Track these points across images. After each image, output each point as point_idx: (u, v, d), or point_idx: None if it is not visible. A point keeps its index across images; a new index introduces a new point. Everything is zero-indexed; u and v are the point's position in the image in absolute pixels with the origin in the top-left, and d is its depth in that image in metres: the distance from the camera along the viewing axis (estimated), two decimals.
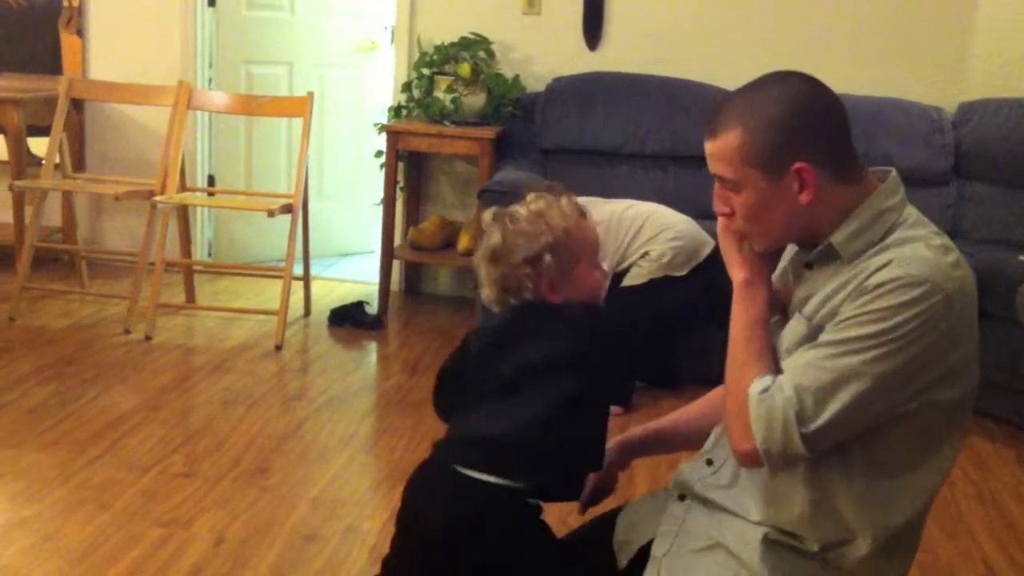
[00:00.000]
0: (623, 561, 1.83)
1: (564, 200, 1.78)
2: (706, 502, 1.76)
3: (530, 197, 1.80)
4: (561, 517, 2.12)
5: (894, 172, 1.66)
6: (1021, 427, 3.49)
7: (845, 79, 4.39)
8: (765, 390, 1.56)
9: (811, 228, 1.63)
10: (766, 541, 1.66)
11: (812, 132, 1.58)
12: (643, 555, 1.80)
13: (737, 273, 1.67)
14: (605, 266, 1.78)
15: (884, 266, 1.54)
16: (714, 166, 1.62)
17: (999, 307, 3.53)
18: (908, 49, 4.45)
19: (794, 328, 1.65)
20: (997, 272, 3.61)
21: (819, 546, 1.64)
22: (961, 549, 2.76)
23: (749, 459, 1.60)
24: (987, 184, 4.32)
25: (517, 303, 1.77)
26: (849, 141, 1.63)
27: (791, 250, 1.79)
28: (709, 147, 1.63)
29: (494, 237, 1.77)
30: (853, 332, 1.53)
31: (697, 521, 1.76)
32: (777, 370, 1.60)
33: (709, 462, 1.79)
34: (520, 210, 1.77)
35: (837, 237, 1.61)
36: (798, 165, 1.56)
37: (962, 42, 4.48)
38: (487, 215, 1.82)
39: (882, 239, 1.60)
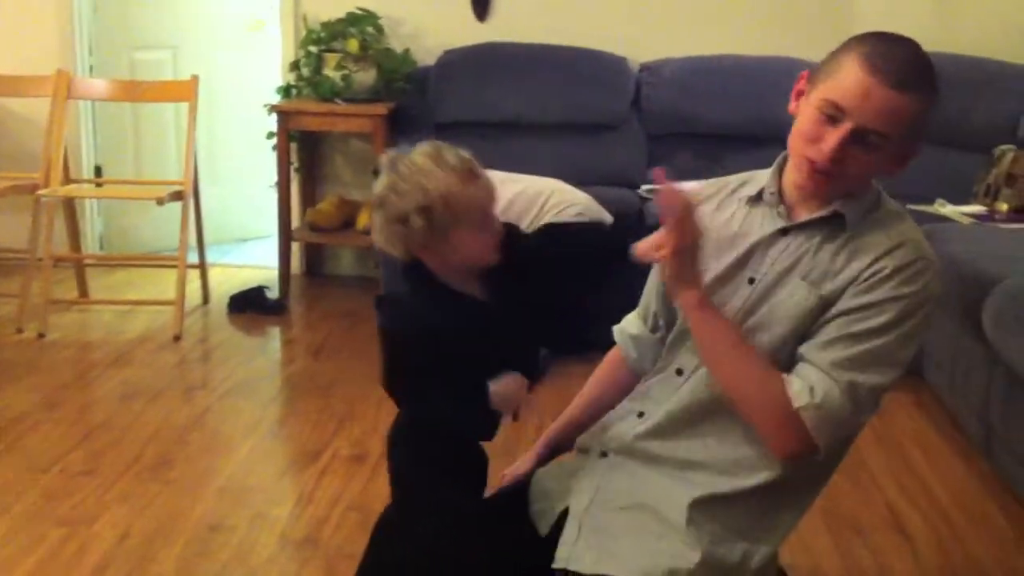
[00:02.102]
0: (544, 529, 1.82)
1: (452, 156, 1.71)
2: (634, 453, 1.77)
3: (421, 147, 1.73)
4: None
5: None
6: (918, 374, 3.58)
7: (738, 40, 4.44)
8: (811, 394, 1.57)
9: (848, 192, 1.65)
10: (694, 504, 1.67)
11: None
12: (563, 521, 1.79)
13: (691, 296, 1.64)
14: (494, 232, 1.74)
15: (898, 247, 1.59)
16: (876, 118, 1.55)
17: None
18: (797, 10, 4.50)
19: (796, 296, 1.65)
20: None
21: (746, 484, 1.68)
22: (864, 494, 2.83)
23: (799, 458, 1.63)
24: None
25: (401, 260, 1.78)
26: None
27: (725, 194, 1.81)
28: (888, 98, 1.54)
29: (379, 186, 1.74)
30: (885, 318, 1.57)
31: (620, 479, 1.77)
32: (785, 364, 1.63)
33: (640, 414, 1.79)
34: (405, 163, 1.71)
35: (849, 208, 1.64)
36: (916, 152, 1.62)
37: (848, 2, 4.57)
38: (384, 158, 1.77)
39: (871, 210, 1.65)
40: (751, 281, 1.70)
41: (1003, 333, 2.72)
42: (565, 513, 1.80)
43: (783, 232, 1.69)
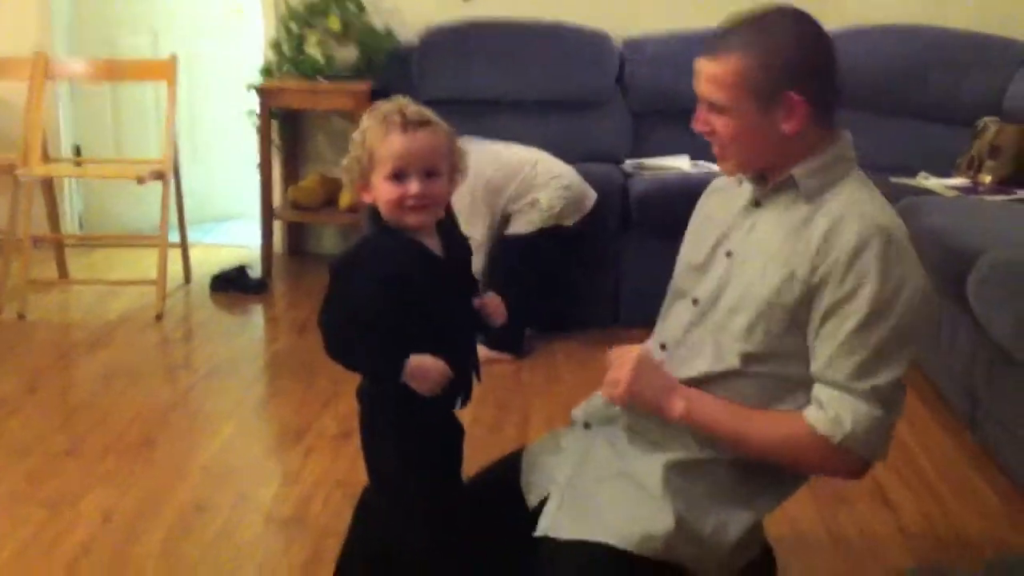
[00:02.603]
0: (533, 501, 1.85)
1: (392, 107, 1.75)
2: (614, 423, 1.80)
3: (375, 104, 1.80)
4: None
5: (849, 135, 1.74)
6: None
7: (722, 15, 4.41)
8: (840, 424, 1.59)
9: (778, 161, 1.68)
10: (668, 467, 1.69)
11: (813, 69, 1.65)
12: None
13: (673, 410, 1.69)
14: (410, 186, 1.73)
15: (845, 217, 1.61)
16: (706, 88, 1.68)
17: None
18: None
19: (766, 273, 1.67)
20: None
21: (713, 454, 1.71)
22: None
23: (862, 475, 1.68)
24: (858, 111, 4.38)
25: None
26: (837, 87, 1.69)
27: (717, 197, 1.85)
28: (707, 68, 1.67)
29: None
30: (866, 308, 1.58)
31: (601, 449, 1.80)
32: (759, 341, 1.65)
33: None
34: (374, 109, 1.78)
35: (799, 170, 1.67)
36: (794, 97, 1.62)
37: None
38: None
39: (835, 182, 1.67)
40: (728, 255, 1.75)
41: (987, 304, 2.71)
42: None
43: (756, 204, 1.74)
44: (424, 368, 1.73)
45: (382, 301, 1.72)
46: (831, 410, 1.60)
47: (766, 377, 1.67)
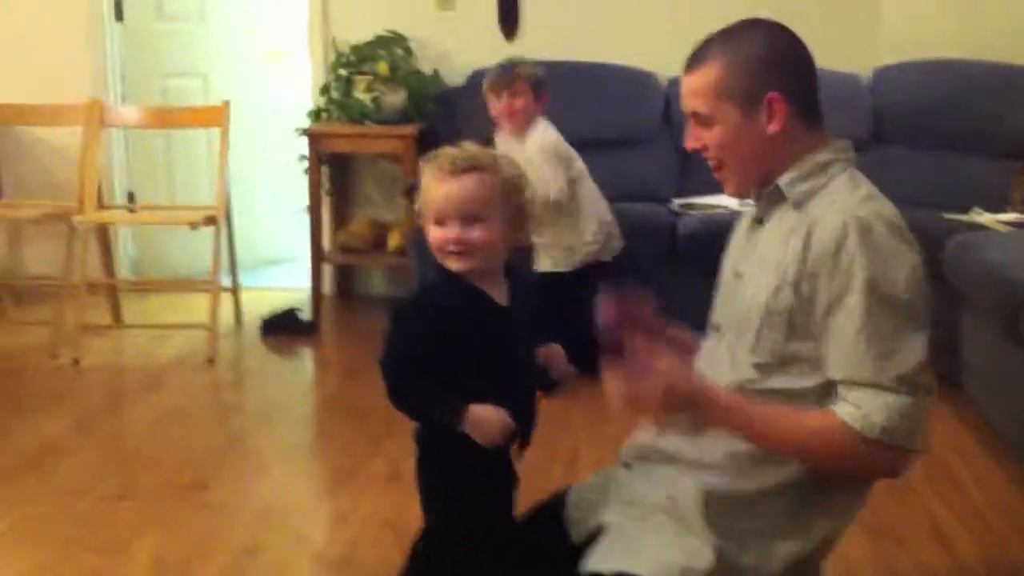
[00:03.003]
0: (577, 538, 1.85)
1: (447, 154, 1.78)
2: (654, 456, 1.79)
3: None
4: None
5: (847, 141, 1.75)
6: (955, 384, 3.53)
7: None
8: (870, 418, 1.56)
9: (773, 166, 1.69)
10: (707, 498, 1.68)
11: (788, 69, 1.69)
12: (598, 532, 1.81)
13: (717, 416, 1.66)
14: (448, 231, 1.75)
15: (825, 215, 1.61)
16: (690, 102, 1.71)
17: (928, 267, 3.56)
18: (821, 17, 4.48)
19: (761, 282, 1.68)
20: (924, 233, 3.59)
21: (765, 483, 1.68)
22: (903, 504, 2.78)
23: (906, 469, 1.63)
24: (906, 147, 4.37)
25: None
26: (816, 89, 1.72)
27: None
28: (688, 82, 1.72)
29: None
30: (859, 301, 1.56)
31: (641, 486, 1.79)
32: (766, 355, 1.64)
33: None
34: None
35: (784, 178, 1.68)
36: (772, 95, 1.65)
37: (872, 6, 4.54)
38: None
39: (825, 185, 1.68)
40: (738, 276, 1.76)
41: None
42: (599, 528, 1.80)
43: (759, 222, 1.75)
44: (484, 419, 1.72)
45: (435, 345, 1.73)
46: (861, 407, 1.56)
47: (781, 393, 1.65)
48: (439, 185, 1.76)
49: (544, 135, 3.70)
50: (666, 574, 1.65)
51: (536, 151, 3.63)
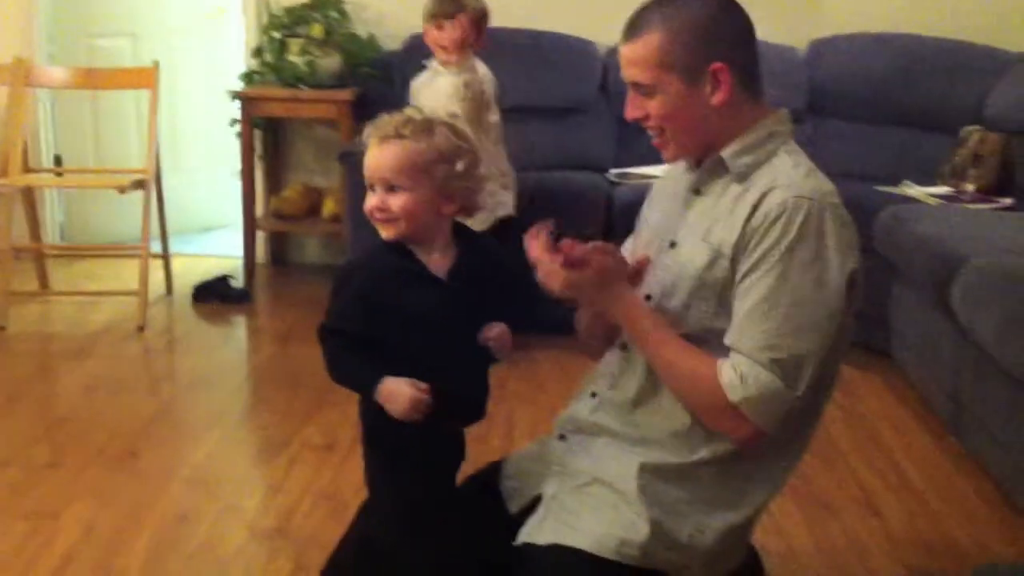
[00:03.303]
0: (514, 508, 1.85)
1: (385, 120, 1.76)
2: (590, 431, 1.78)
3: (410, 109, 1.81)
4: None
5: (785, 110, 1.74)
6: (885, 353, 3.59)
7: None
8: (743, 385, 1.57)
9: (714, 138, 1.68)
10: (643, 471, 1.68)
11: (730, 37, 1.66)
12: (534, 502, 1.81)
13: (621, 312, 1.69)
14: (372, 198, 1.75)
15: (769, 192, 1.60)
16: (630, 72, 1.68)
17: (858, 237, 3.61)
18: None
19: (695, 252, 1.68)
20: (856, 205, 3.64)
21: (699, 456, 1.69)
22: (835, 474, 2.83)
23: (752, 443, 1.63)
24: (842, 120, 4.42)
25: None
26: (758, 58, 1.70)
27: (672, 182, 1.82)
28: (627, 51, 1.68)
29: None
30: (771, 278, 1.57)
31: (577, 459, 1.79)
32: (716, 348, 1.63)
33: (593, 394, 1.83)
34: None
35: (727, 151, 1.67)
36: (716, 65, 1.62)
37: None
38: None
39: (767, 159, 1.67)
40: (672, 245, 1.74)
41: (972, 310, 2.72)
42: (536, 499, 1.80)
43: (696, 192, 1.73)
44: (395, 393, 1.69)
45: (364, 312, 1.72)
46: (739, 370, 1.57)
47: None
48: (369, 152, 1.76)
49: (472, 75, 3.63)
50: (602, 547, 1.66)
51: (459, 87, 3.58)
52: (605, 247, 1.70)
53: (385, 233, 1.76)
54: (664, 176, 1.91)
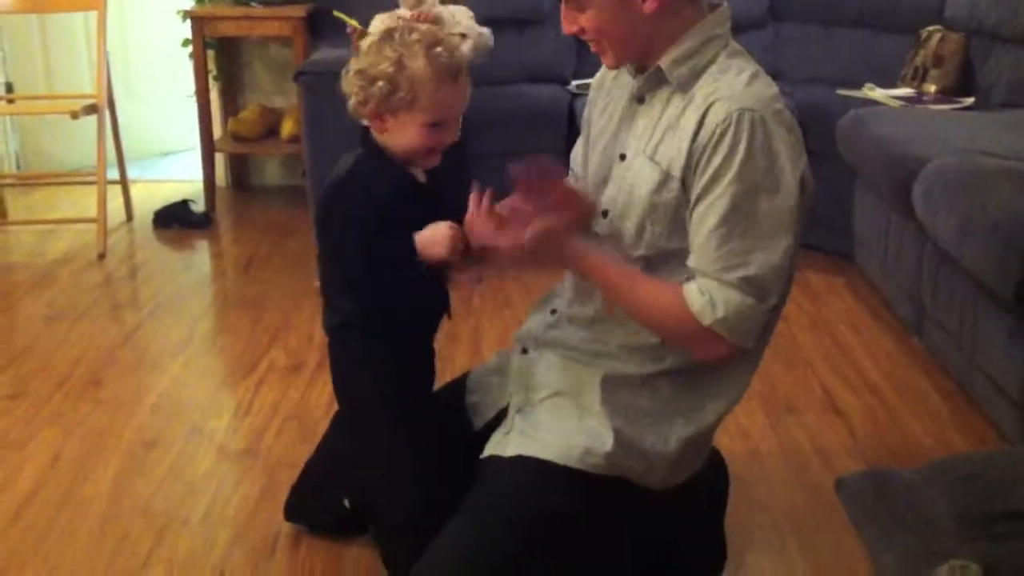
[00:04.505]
0: (478, 423, 1.86)
1: (446, 52, 1.71)
2: (551, 345, 1.79)
3: (429, 27, 1.77)
4: None
5: (725, 4, 1.68)
6: (847, 258, 3.61)
7: None
8: (712, 307, 1.56)
9: (652, 44, 1.64)
10: (605, 382, 1.69)
11: None
12: (498, 417, 1.82)
13: (568, 262, 1.68)
14: (445, 135, 1.74)
15: (712, 105, 1.56)
16: None
17: (822, 144, 3.60)
18: None
19: (643, 173, 1.65)
20: (818, 110, 3.69)
21: (660, 367, 1.70)
22: (799, 377, 2.86)
23: (727, 358, 1.64)
24: (803, 24, 4.38)
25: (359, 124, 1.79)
26: None
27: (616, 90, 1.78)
28: None
29: (369, 39, 1.75)
30: (729, 195, 1.54)
31: (539, 372, 1.80)
32: (673, 269, 1.63)
33: (553, 311, 1.84)
34: (404, 33, 1.72)
35: (665, 60, 1.63)
36: None
37: None
38: (384, 19, 1.83)
39: (706, 66, 1.62)
40: (622, 157, 1.71)
41: (932, 211, 2.73)
42: (499, 414, 1.81)
43: (640, 101, 1.70)
44: (435, 235, 1.69)
45: (378, 227, 1.70)
46: (708, 293, 1.57)
47: None
48: (449, 90, 1.71)
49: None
50: (567, 457, 1.67)
51: (462, 15, 3.53)
52: (563, 197, 1.68)
53: (430, 164, 1.77)
54: (602, 73, 1.86)
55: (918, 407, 2.70)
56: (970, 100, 3.77)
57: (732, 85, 1.58)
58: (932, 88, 3.87)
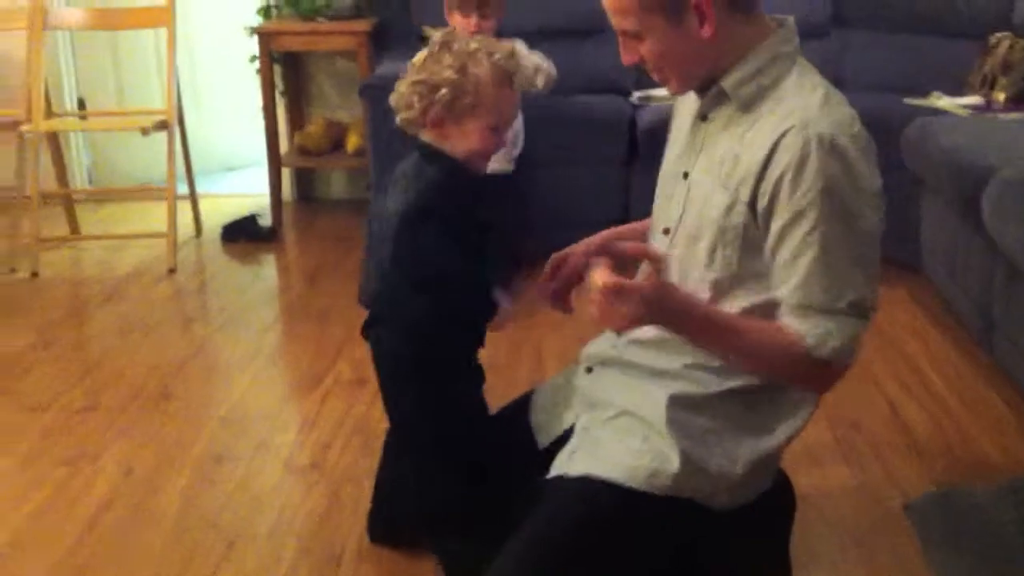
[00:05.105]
0: (543, 442, 1.86)
1: (502, 56, 1.79)
2: (616, 364, 1.79)
3: (477, 37, 1.83)
4: None
5: (791, 20, 1.68)
6: (912, 268, 3.56)
7: None
8: (828, 335, 1.57)
9: (715, 67, 1.63)
10: (672, 401, 1.68)
11: None
12: (564, 436, 1.82)
13: (689, 328, 1.66)
14: (503, 136, 1.84)
15: (786, 133, 1.55)
16: (616, 20, 1.64)
17: (887, 152, 3.55)
18: None
19: (713, 196, 1.65)
20: (883, 118, 3.63)
21: (726, 387, 1.69)
22: (864, 391, 2.83)
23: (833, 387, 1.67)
24: (866, 31, 4.33)
25: (413, 135, 1.84)
26: None
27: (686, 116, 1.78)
28: (607, 2, 1.63)
29: (421, 54, 1.81)
30: (818, 228, 1.54)
31: (605, 391, 1.80)
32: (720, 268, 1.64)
33: (618, 333, 1.82)
34: (460, 42, 1.79)
35: (729, 81, 1.62)
36: (695, 0, 1.56)
37: None
38: (436, 34, 1.85)
39: (773, 85, 1.61)
40: (685, 176, 1.72)
41: (1002, 222, 2.68)
42: (565, 433, 1.82)
43: (703, 119, 1.70)
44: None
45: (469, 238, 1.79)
46: (817, 328, 1.57)
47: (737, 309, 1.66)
48: (510, 94, 1.81)
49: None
50: (633, 478, 1.67)
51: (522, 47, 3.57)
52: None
53: (486, 166, 1.88)
54: (679, 100, 1.87)
55: (987, 421, 2.66)
56: None
57: (806, 107, 1.57)
58: (1001, 96, 3.80)
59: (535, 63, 3.28)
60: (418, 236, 1.76)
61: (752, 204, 1.59)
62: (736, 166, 1.61)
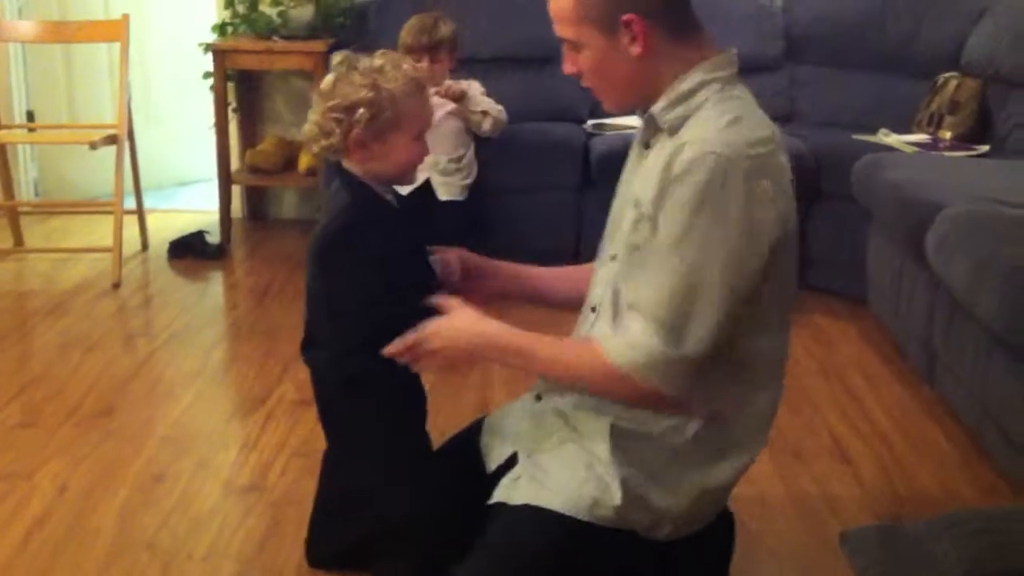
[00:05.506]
0: (491, 466, 1.85)
1: (408, 66, 1.79)
2: (568, 393, 1.78)
3: (378, 53, 1.81)
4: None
5: (733, 49, 1.67)
6: (861, 302, 3.60)
7: None
8: (631, 352, 1.57)
9: (649, 88, 1.64)
10: (614, 431, 1.68)
11: None
12: (511, 462, 1.81)
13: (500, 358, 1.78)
14: (424, 147, 1.84)
15: (683, 146, 1.56)
16: (557, 28, 1.65)
17: (836, 187, 3.61)
18: None
19: (624, 215, 1.68)
20: (832, 153, 3.70)
21: (660, 428, 1.68)
22: (806, 423, 2.84)
23: (667, 402, 1.63)
24: (818, 67, 4.39)
25: (332, 161, 1.85)
26: (686, 3, 1.65)
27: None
28: (552, 6, 1.65)
29: (329, 78, 1.80)
30: (675, 231, 1.54)
31: (551, 418, 1.79)
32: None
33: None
34: (364, 62, 1.78)
35: (657, 105, 1.63)
36: (627, 16, 1.57)
37: None
38: (338, 55, 1.85)
39: (695, 110, 1.60)
40: (636, 204, 1.68)
41: (946, 258, 2.72)
42: (512, 457, 1.81)
43: (646, 147, 1.70)
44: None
45: (381, 274, 1.76)
46: (628, 337, 1.57)
47: None
48: (423, 100, 1.81)
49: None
50: (575, 508, 1.66)
51: (476, 90, 3.66)
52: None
53: (417, 178, 1.91)
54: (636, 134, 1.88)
55: (928, 456, 2.68)
56: (985, 147, 3.77)
57: (708, 128, 1.56)
58: (947, 134, 3.87)
59: (484, 107, 3.41)
60: (326, 270, 1.78)
61: (655, 219, 1.58)
62: (645, 183, 1.61)
